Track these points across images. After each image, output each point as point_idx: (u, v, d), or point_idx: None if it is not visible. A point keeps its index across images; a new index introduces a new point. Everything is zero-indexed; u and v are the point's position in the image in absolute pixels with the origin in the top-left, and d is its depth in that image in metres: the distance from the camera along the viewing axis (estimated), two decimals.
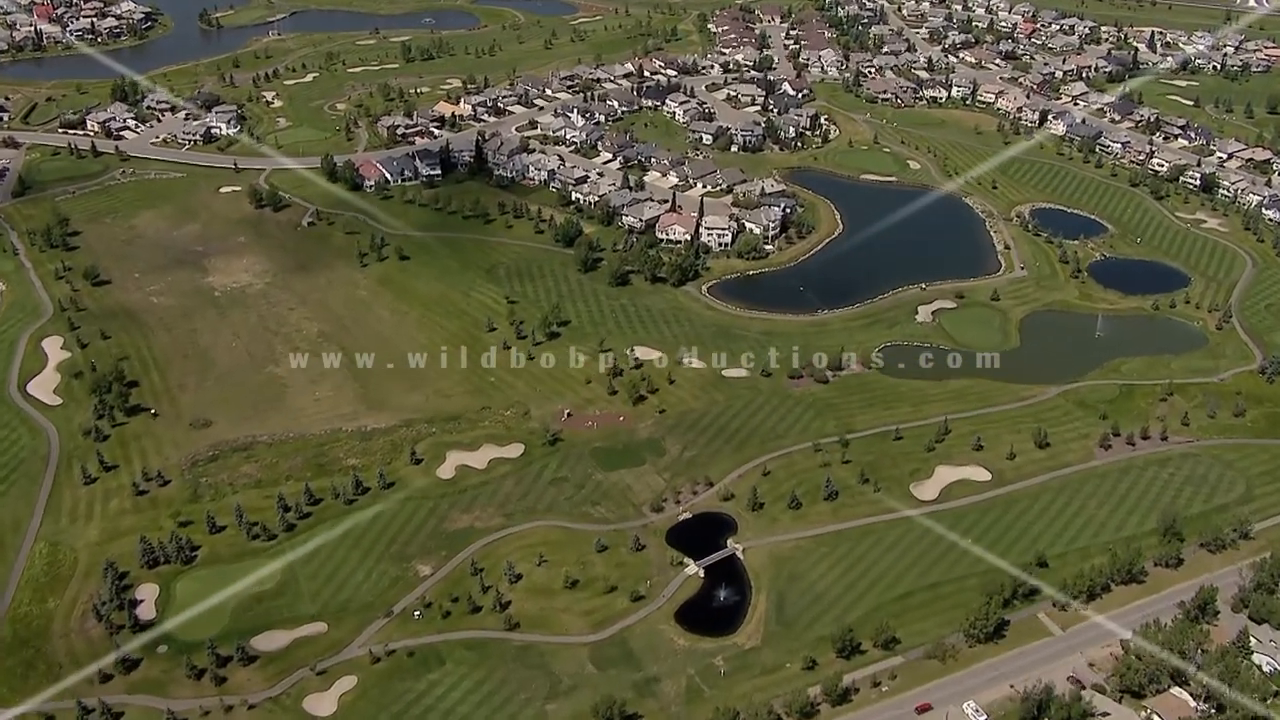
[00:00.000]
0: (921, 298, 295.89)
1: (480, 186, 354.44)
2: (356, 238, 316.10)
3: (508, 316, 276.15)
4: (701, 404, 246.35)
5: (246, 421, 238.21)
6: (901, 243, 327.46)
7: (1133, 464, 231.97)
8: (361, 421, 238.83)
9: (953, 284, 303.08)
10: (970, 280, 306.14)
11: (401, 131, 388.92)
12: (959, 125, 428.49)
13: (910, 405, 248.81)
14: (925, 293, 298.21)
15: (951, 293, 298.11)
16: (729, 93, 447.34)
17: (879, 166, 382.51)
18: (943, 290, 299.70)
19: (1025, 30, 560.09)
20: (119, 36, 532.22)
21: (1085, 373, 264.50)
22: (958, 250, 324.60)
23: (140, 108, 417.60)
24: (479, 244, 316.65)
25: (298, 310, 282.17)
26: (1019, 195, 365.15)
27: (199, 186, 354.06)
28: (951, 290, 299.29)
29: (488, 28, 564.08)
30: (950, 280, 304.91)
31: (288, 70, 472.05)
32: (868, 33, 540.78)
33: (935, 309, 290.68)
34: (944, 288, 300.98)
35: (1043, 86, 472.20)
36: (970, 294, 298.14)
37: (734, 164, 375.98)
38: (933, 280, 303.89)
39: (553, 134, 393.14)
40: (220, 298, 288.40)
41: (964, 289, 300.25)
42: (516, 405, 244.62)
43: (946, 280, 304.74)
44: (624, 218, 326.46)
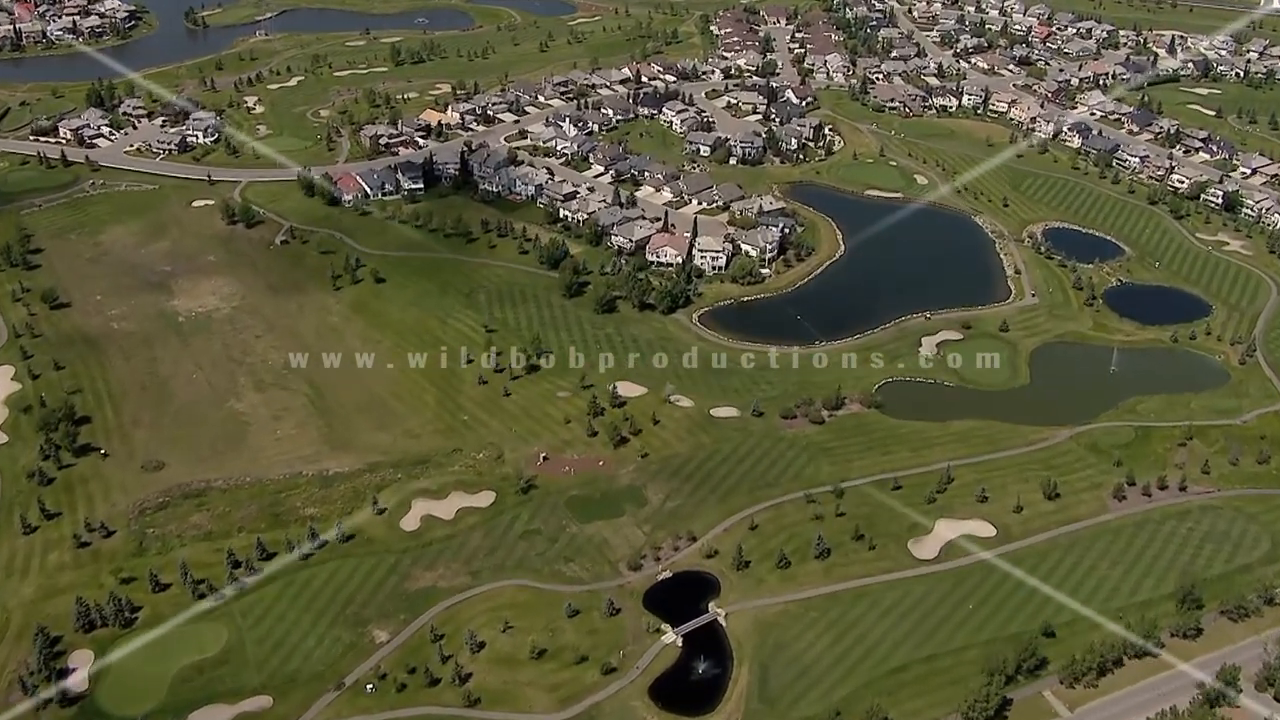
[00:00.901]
0: (926, 328, 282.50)
1: (464, 201, 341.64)
2: (331, 258, 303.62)
3: (485, 347, 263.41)
4: (687, 447, 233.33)
5: (202, 463, 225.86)
6: (906, 266, 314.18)
7: (1149, 518, 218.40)
8: (323, 464, 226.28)
9: (959, 313, 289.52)
10: (978, 309, 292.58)
11: (385, 141, 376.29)
12: (969, 136, 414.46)
13: (910, 449, 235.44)
14: (930, 323, 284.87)
15: (958, 323, 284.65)
16: (729, 100, 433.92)
17: (884, 181, 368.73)
18: (949, 320, 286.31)
19: (1040, 34, 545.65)
20: (101, 36, 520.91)
21: (1099, 413, 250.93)
22: (965, 275, 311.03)
23: (116, 114, 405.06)
24: (459, 265, 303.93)
25: (265, 338, 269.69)
26: (1031, 213, 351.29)
27: (171, 200, 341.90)
28: (958, 320, 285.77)
29: (482, 28, 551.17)
30: (957, 309, 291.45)
31: (272, 74, 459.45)
32: (876, 36, 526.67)
33: (940, 341, 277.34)
34: (950, 317, 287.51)
35: (1058, 95, 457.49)
36: (978, 324, 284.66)
37: (732, 179, 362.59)
38: (938, 309, 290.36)
39: (543, 144, 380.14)
40: (184, 323, 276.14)
41: (971, 318, 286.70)
42: (489, 447, 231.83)
43: (953, 309, 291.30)
44: (613, 237, 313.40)
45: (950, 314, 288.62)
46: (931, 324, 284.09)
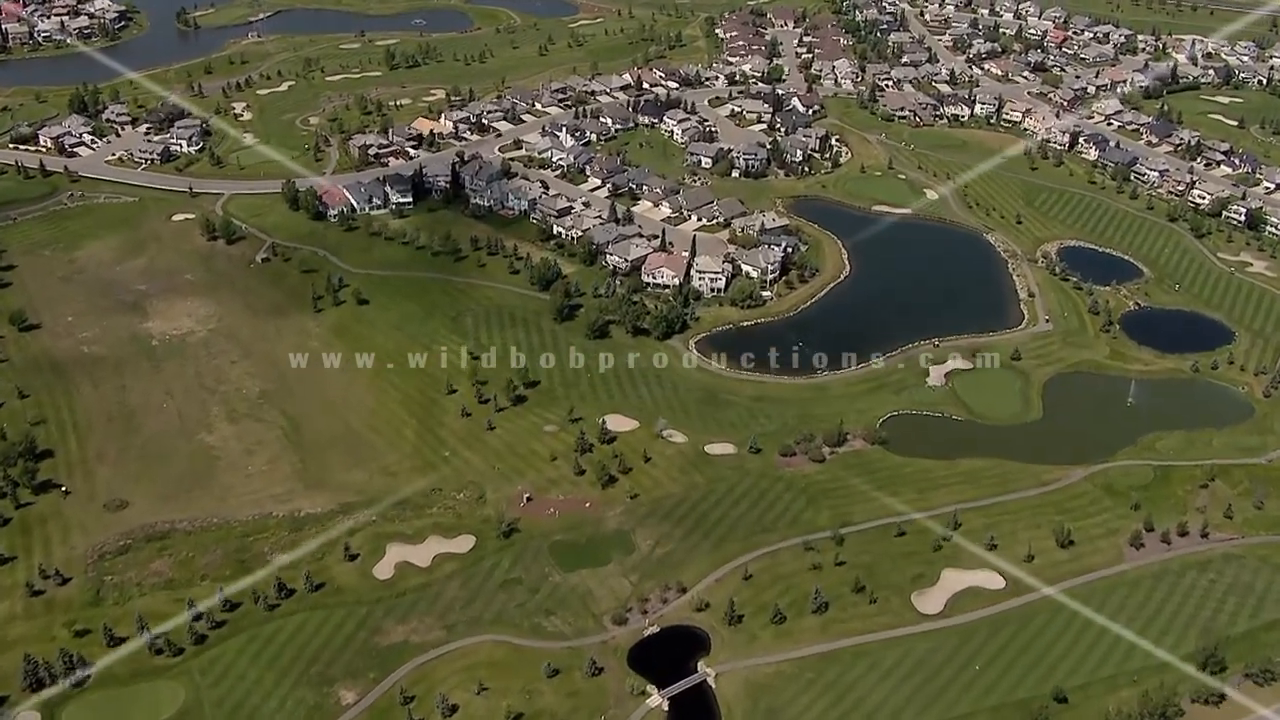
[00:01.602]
0: (934, 355, 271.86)
1: (454, 216, 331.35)
2: (313, 277, 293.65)
3: (470, 376, 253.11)
4: (680, 488, 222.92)
5: (167, 503, 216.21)
6: (914, 288, 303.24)
7: (1168, 568, 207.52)
8: (295, 504, 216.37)
9: (969, 340, 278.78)
10: (989, 335, 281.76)
11: (375, 152, 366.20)
12: (982, 147, 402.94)
13: (916, 491, 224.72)
14: (938, 350, 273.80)
15: (967, 350, 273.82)
16: (733, 108, 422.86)
17: (893, 196, 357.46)
18: (958, 347, 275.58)
19: (1056, 39, 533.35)
20: (90, 37, 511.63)
21: (1116, 451, 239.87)
22: (976, 298, 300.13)
23: (99, 121, 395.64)
24: (446, 286, 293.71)
25: (240, 364, 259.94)
26: (1046, 231, 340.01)
27: (150, 214, 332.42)
28: (968, 347, 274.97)
29: (481, 30, 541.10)
30: (967, 335, 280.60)
31: (262, 78, 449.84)
32: (886, 40, 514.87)
33: (949, 370, 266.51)
34: (960, 344, 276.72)
35: (1073, 103, 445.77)
36: (988, 351, 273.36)
37: (734, 192, 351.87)
38: (947, 335, 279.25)
39: (538, 155, 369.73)
40: (158, 347, 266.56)
41: (981, 345, 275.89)
42: (471, 486, 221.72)
43: (963, 335, 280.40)
44: (608, 256, 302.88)
45: (960, 341, 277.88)
46: (940, 351, 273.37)
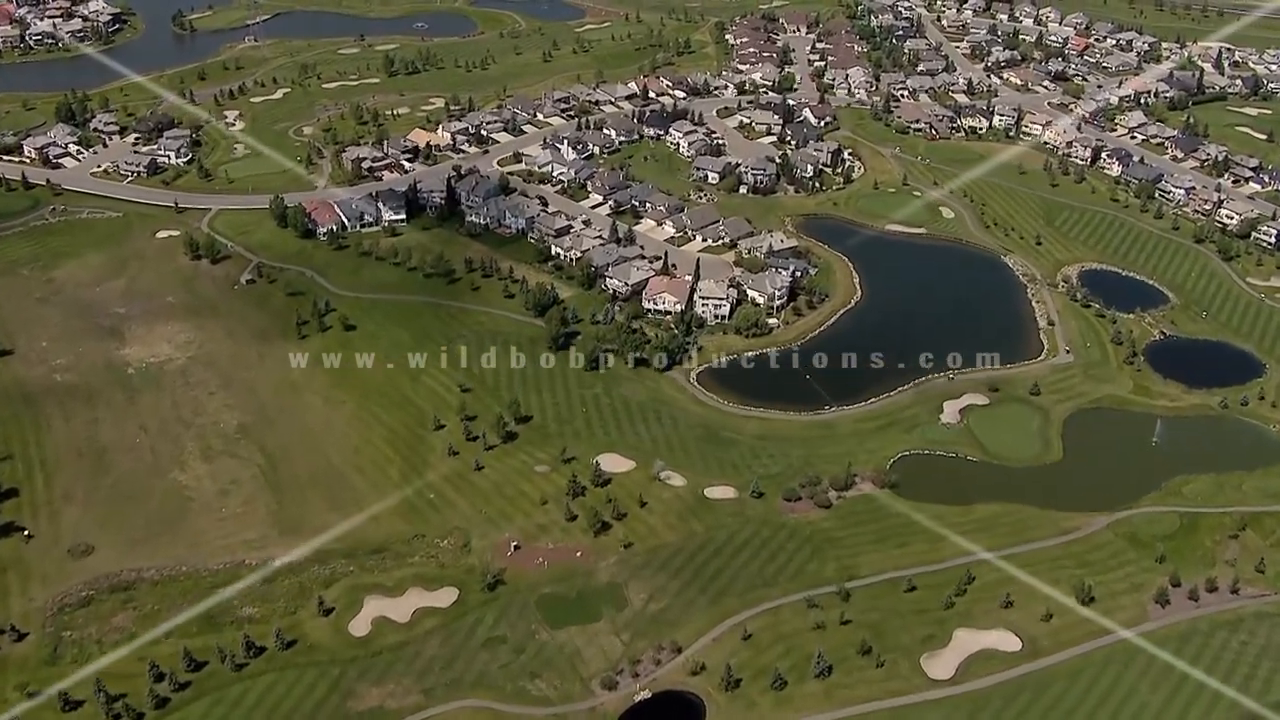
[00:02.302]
0: (949, 390, 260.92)
1: (449, 235, 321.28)
2: (299, 301, 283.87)
3: (459, 410, 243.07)
4: (676, 536, 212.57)
5: (135, 548, 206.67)
6: (928, 316, 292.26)
7: (1195, 628, 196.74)
8: (269, 551, 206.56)
9: (985, 371, 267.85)
10: (1006, 367, 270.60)
11: (369, 165, 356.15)
12: (1000, 162, 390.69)
13: (927, 541, 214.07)
14: (953, 384, 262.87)
15: (984, 384, 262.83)
16: (742, 119, 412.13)
17: (907, 215, 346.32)
18: (974, 380, 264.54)
19: (1077, 46, 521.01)
20: (83, 41, 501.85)
21: (1140, 496, 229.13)
22: (993, 326, 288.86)
23: (86, 130, 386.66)
24: (438, 311, 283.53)
25: (218, 395, 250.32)
26: (1066, 253, 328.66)
27: (134, 230, 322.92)
28: (984, 381, 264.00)
29: (484, 35, 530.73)
30: (983, 367, 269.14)
31: (256, 85, 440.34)
32: (902, 47, 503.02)
33: (964, 406, 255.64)
34: (975, 377, 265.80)
35: (1095, 115, 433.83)
36: (1006, 386, 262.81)
37: (741, 209, 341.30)
38: (962, 367, 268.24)
39: (538, 169, 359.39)
40: (134, 376, 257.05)
41: (999, 379, 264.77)
42: (455, 533, 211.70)
43: (979, 367, 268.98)
44: (607, 280, 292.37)
45: (976, 374, 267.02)
46: (955, 385, 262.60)
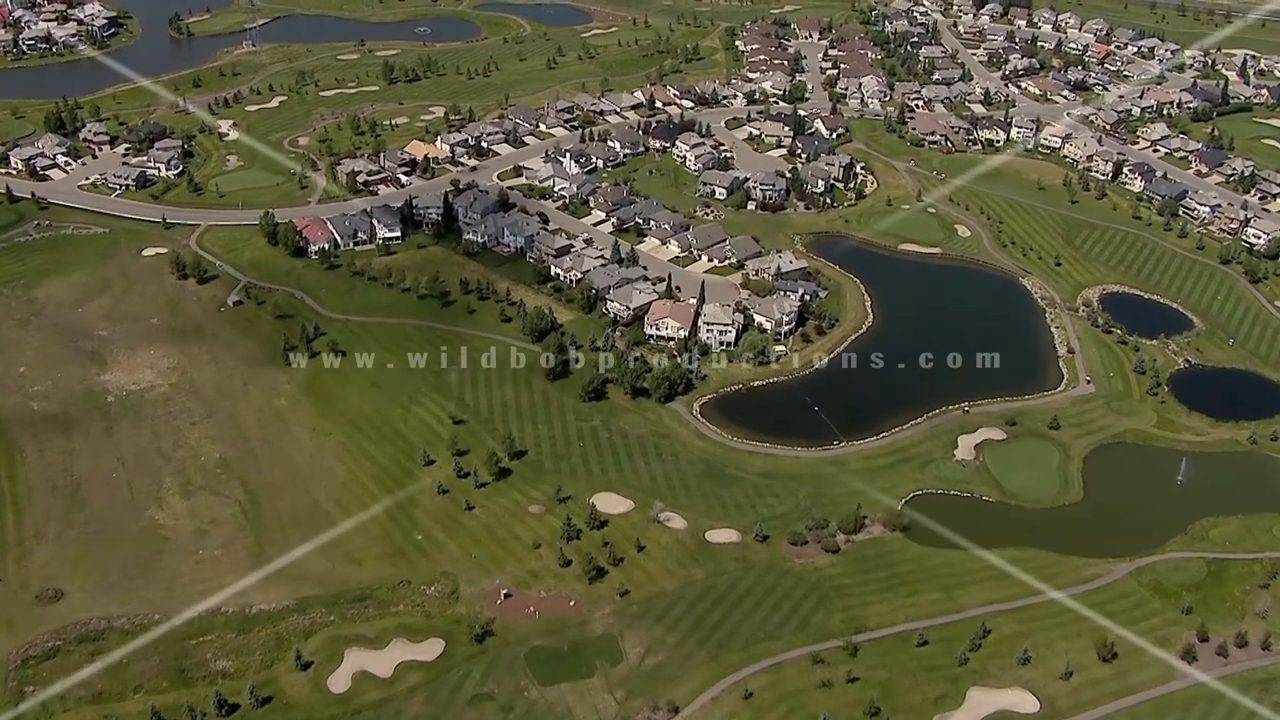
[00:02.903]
0: (964, 423, 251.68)
1: (445, 254, 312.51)
2: (287, 324, 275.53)
3: (450, 444, 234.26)
4: (676, 583, 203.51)
5: (107, 593, 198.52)
6: (943, 342, 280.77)
7: (1224, 688, 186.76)
8: (247, 598, 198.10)
9: (1002, 404, 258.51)
10: (1025, 398, 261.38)
11: (364, 179, 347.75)
12: (1018, 177, 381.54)
13: (941, 589, 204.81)
14: (968, 416, 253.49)
15: (1001, 417, 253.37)
16: (751, 131, 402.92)
17: (921, 234, 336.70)
18: (990, 413, 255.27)
19: (1097, 54, 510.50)
20: (77, 45, 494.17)
21: (1164, 541, 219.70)
22: (1011, 354, 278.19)
23: (76, 139, 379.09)
24: (431, 335, 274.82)
25: (201, 425, 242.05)
26: (1087, 275, 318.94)
27: (120, 247, 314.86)
28: (1001, 414, 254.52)
29: (487, 40, 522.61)
30: (1000, 398, 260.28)
31: (252, 93, 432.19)
32: (917, 55, 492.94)
33: (980, 440, 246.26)
34: (991, 410, 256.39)
35: (1116, 127, 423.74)
36: (1024, 419, 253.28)
37: (749, 226, 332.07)
38: (978, 398, 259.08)
39: (539, 183, 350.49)
40: (113, 404, 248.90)
41: (1016, 412, 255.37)
42: (443, 579, 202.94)
43: (995, 398, 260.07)
44: (608, 303, 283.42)
45: (992, 406, 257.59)
46: (971, 418, 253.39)
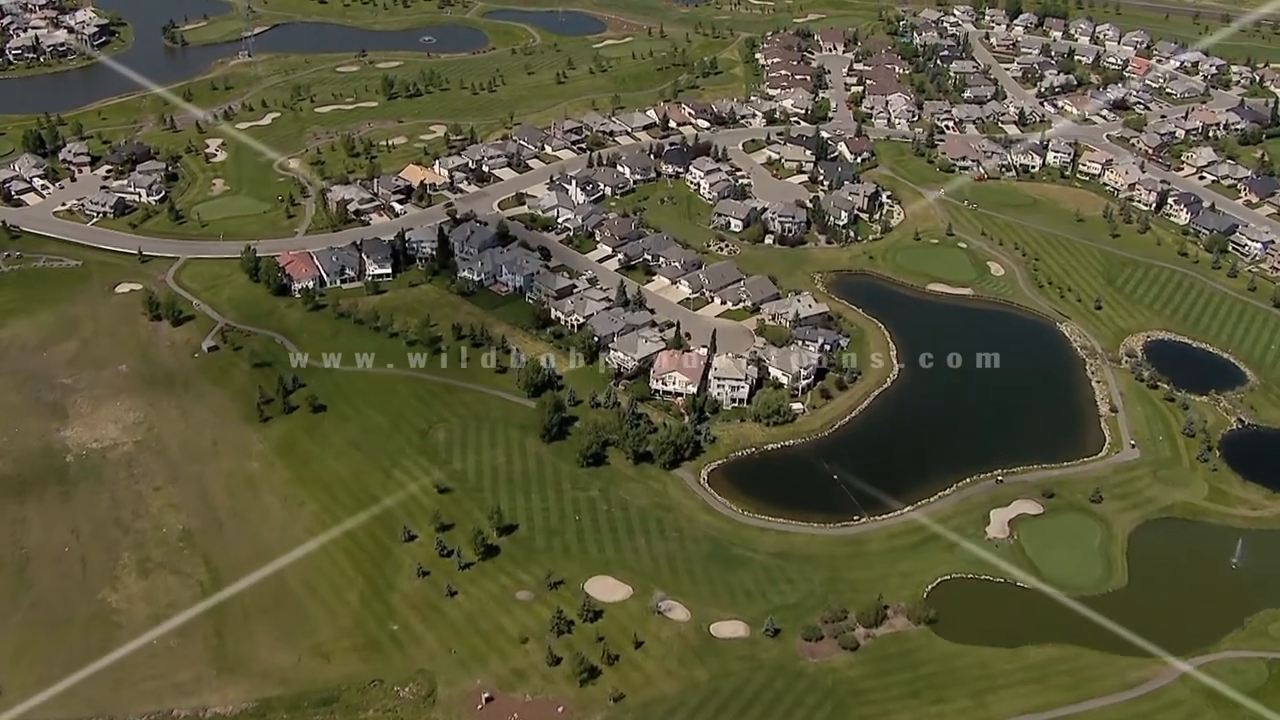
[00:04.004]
0: (997, 495, 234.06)
1: (438, 293, 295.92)
2: (265, 374, 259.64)
3: (433, 518, 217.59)
4: (676, 686, 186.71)
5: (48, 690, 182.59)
6: (973, 399, 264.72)
7: None
8: (202, 699, 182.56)
9: (1039, 471, 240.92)
10: (1063, 465, 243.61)
11: (355, 208, 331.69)
12: (1055, 208, 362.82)
13: (970, 694, 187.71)
14: (1002, 487, 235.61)
15: (1037, 488, 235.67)
16: (771, 155, 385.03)
17: (951, 272, 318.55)
18: (1025, 483, 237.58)
19: (1138, 69, 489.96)
20: (65, 55, 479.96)
21: (1219, 637, 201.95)
22: (1048, 413, 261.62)
23: (55, 160, 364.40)
24: (419, 388, 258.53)
25: (164, 491, 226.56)
26: (1130, 320, 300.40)
27: (92, 283, 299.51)
28: (1037, 484, 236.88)
29: (495, 51, 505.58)
30: (1036, 465, 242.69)
31: (244, 109, 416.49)
32: (947, 70, 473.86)
33: (1014, 516, 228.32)
34: (1027, 479, 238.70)
35: (1159, 151, 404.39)
36: (1063, 490, 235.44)
37: (767, 262, 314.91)
38: (1012, 465, 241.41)
39: (543, 213, 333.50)
40: (72, 464, 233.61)
41: (1054, 481, 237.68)
42: (419, 677, 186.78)
43: (1031, 465, 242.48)
44: (611, 353, 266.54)
45: (1028, 474, 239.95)
46: (1004, 489, 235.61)
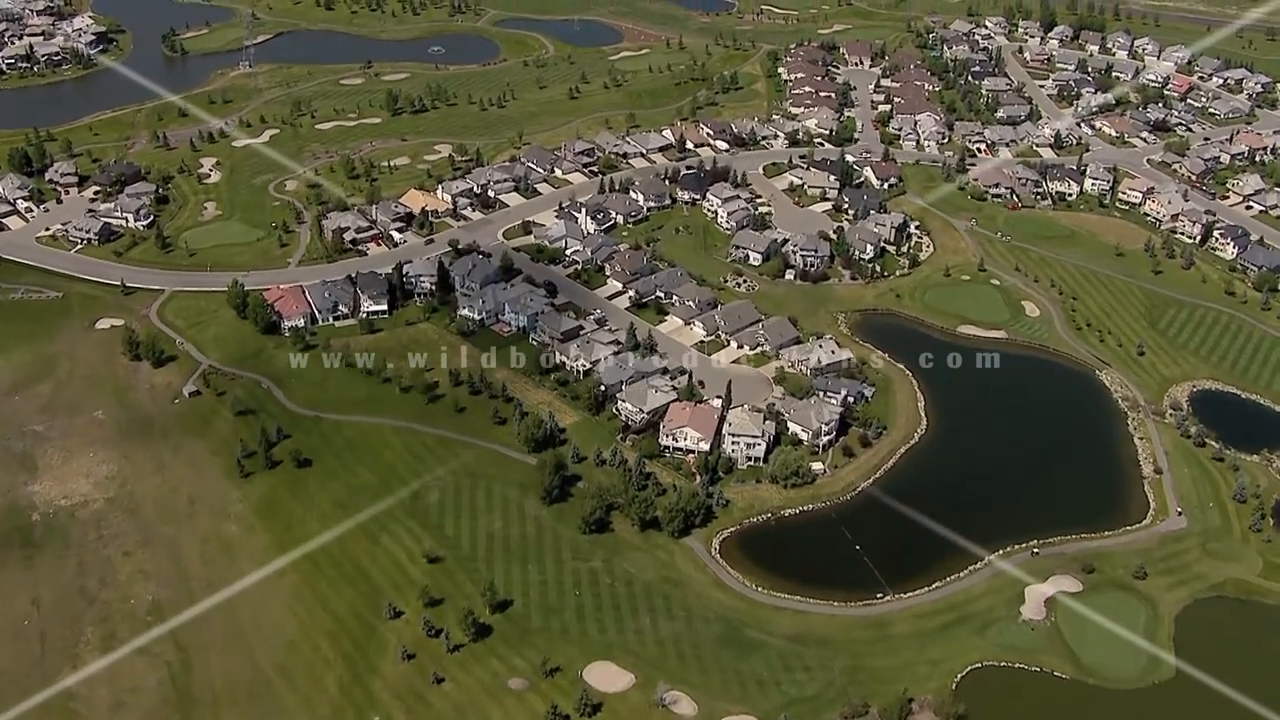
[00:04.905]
0: (1033, 569, 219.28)
1: (437, 333, 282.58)
2: (248, 423, 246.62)
3: (422, 592, 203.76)
4: None
5: None
6: (1008, 457, 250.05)
7: None
8: None
9: (1077, 543, 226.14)
10: (1104, 535, 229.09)
11: (352, 237, 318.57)
12: (1094, 241, 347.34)
13: None
14: (1038, 560, 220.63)
15: (1076, 561, 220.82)
16: (793, 180, 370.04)
17: (983, 312, 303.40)
18: (1063, 555, 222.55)
19: (1179, 88, 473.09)
20: (60, 65, 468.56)
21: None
22: (1087, 475, 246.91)
23: (41, 180, 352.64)
24: (412, 441, 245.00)
25: (135, 556, 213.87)
26: (1174, 368, 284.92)
27: (72, 317, 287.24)
28: (1076, 557, 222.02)
29: (506, 62, 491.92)
30: (1075, 534, 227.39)
31: (241, 125, 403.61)
32: (979, 88, 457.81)
33: (1051, 594, 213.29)
34: (1065, 551, 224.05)
35: (1203, 178, 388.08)
36: (1104, 564, 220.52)
37: (787, 299, 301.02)
38: (1048, 535, 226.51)
39: (550, 244, 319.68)
40: (38, 524, 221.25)
41: (1094, 554, 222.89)
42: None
43: (1068, 534, 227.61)
44: (619, 403, 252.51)
45: (1065, 546, 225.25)
46: (1040, 562, 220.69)
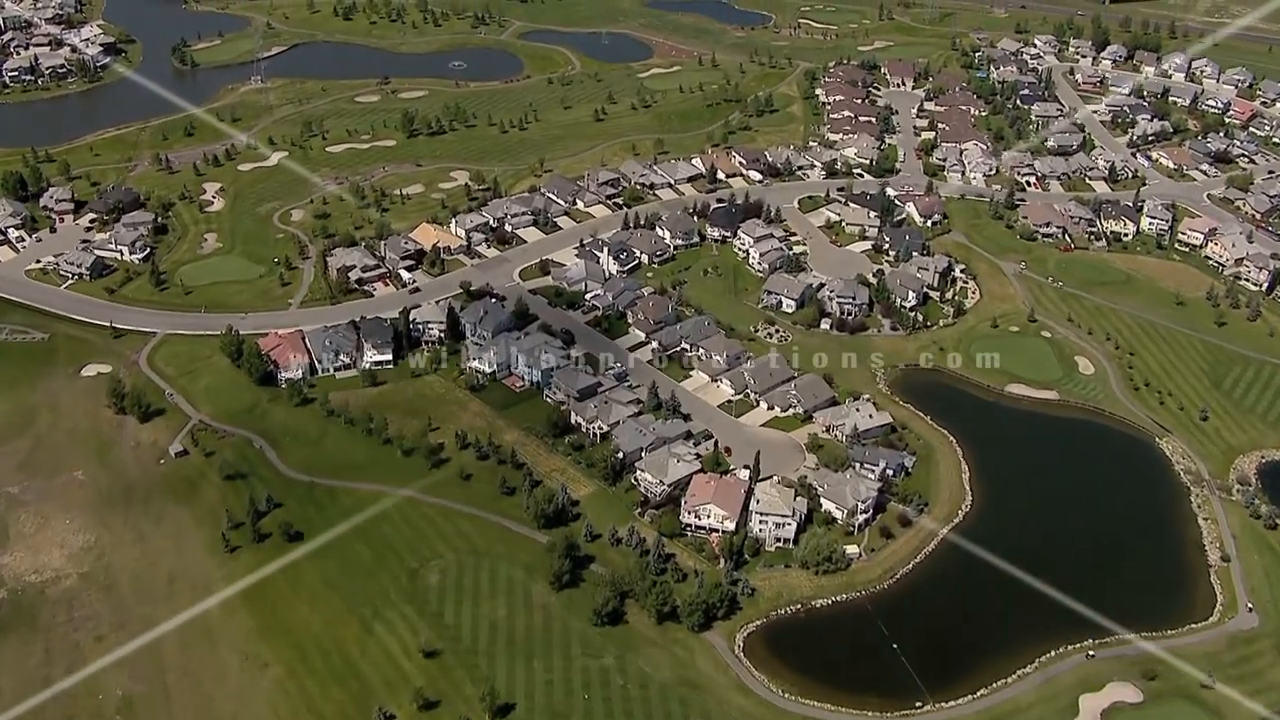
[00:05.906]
0: (1088, 674, 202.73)
1: (444, 387, 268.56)
2: (236, 489, 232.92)
3: (416, 694, 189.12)
4: None
5: None
6: (1060, 539, 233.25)
7: None
8: None
9: (1137, 645, 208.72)
10: (1166, 635, 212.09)
11: (358, 276, 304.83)
12: (1152, 287, 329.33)
13: None
14: (1094, 663, 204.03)
15: (1136, 666, 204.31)
16: (830, 216, 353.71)
17: (1034, 369, 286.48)
18: (1122, 659, 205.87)
19: (1241, 114, 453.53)
20: (65, 78, 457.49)
21: None
22: (1147, 561, 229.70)
23: (35, 207, 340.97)
24: (411, 512, 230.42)
25: (107, 642, 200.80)
26: (1240, 435, 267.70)
27: (58, 362, 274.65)
28: (1136, 661, 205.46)
29: (529, 79, 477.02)
30: (1134, 632, 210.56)
31: (248, 148, 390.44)
32: (1028, 113, 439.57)
33: (1108, 704, 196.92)
34: (1124, 653, 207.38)
35: (1269, 217, 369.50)
36: (1166, 671, 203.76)
37: (823, 350, 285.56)
38: (1105, 633, 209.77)
39: (569, 286, 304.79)
40: (4, 603, 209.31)
41: (1156, 660, 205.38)
42: None
43: (1126, 634, 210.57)
44: (638, 473, 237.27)
45: (1124, 647, 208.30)
46: (1096, 667, 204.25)
